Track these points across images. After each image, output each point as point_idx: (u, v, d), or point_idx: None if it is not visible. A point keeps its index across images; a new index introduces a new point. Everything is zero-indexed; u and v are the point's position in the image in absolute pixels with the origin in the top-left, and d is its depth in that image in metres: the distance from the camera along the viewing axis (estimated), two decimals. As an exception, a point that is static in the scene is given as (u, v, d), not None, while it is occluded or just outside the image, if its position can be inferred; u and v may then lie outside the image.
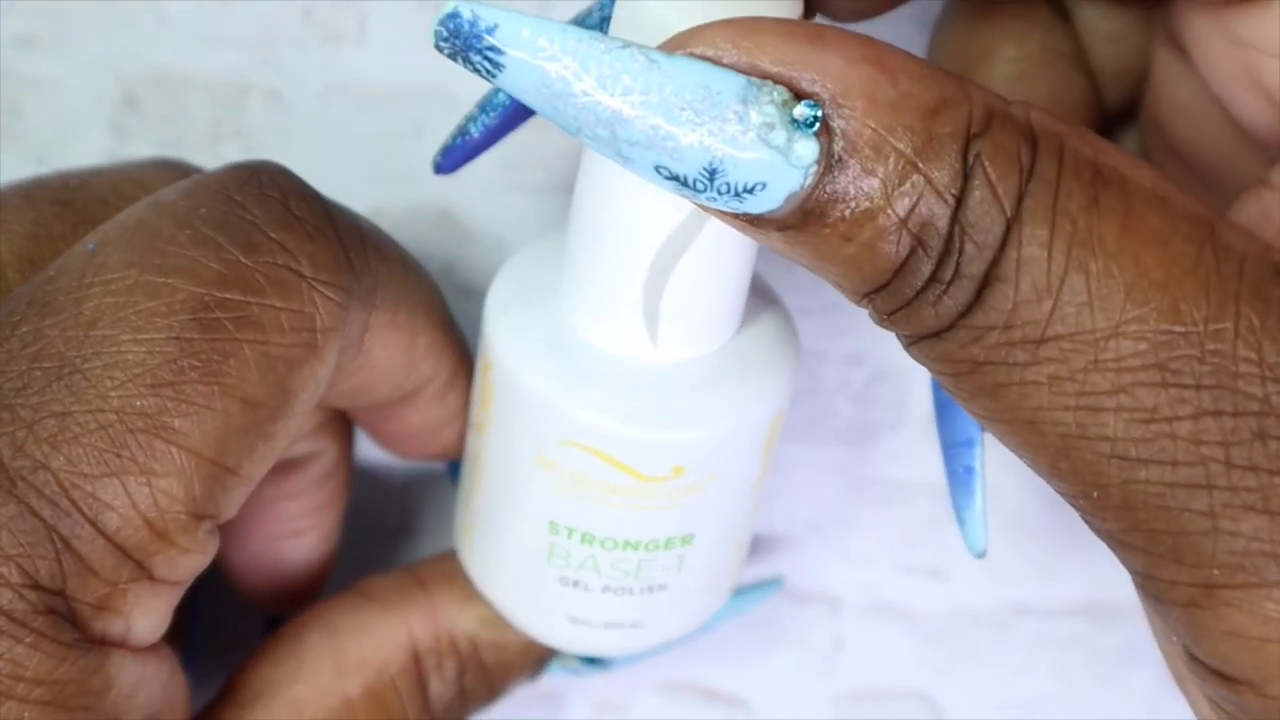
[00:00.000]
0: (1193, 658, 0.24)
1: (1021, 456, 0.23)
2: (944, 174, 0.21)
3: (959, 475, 0.30)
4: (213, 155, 0.36)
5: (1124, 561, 0.23)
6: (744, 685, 0.40)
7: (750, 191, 0.21)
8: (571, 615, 0.29)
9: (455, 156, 0.30)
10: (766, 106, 0.21)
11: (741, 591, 0.34)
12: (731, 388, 0.27)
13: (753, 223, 0.22)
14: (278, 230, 0.26)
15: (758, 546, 0.39)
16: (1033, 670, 0.40)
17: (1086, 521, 0.23)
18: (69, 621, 0.24)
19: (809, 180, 0.21)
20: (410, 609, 0.31)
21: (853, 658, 0.40)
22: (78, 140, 0.36)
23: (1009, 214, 0.21)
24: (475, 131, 0.29)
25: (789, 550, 0.39)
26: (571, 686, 0.39)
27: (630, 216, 0.26)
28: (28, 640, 0.23)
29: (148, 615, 0.25)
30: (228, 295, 0.25)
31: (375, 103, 0.36)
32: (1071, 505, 0.23)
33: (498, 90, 0.29)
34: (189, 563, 0.25)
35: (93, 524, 0.24)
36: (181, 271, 0.25)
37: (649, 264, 0.26)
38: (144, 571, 0.24)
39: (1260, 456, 0.21)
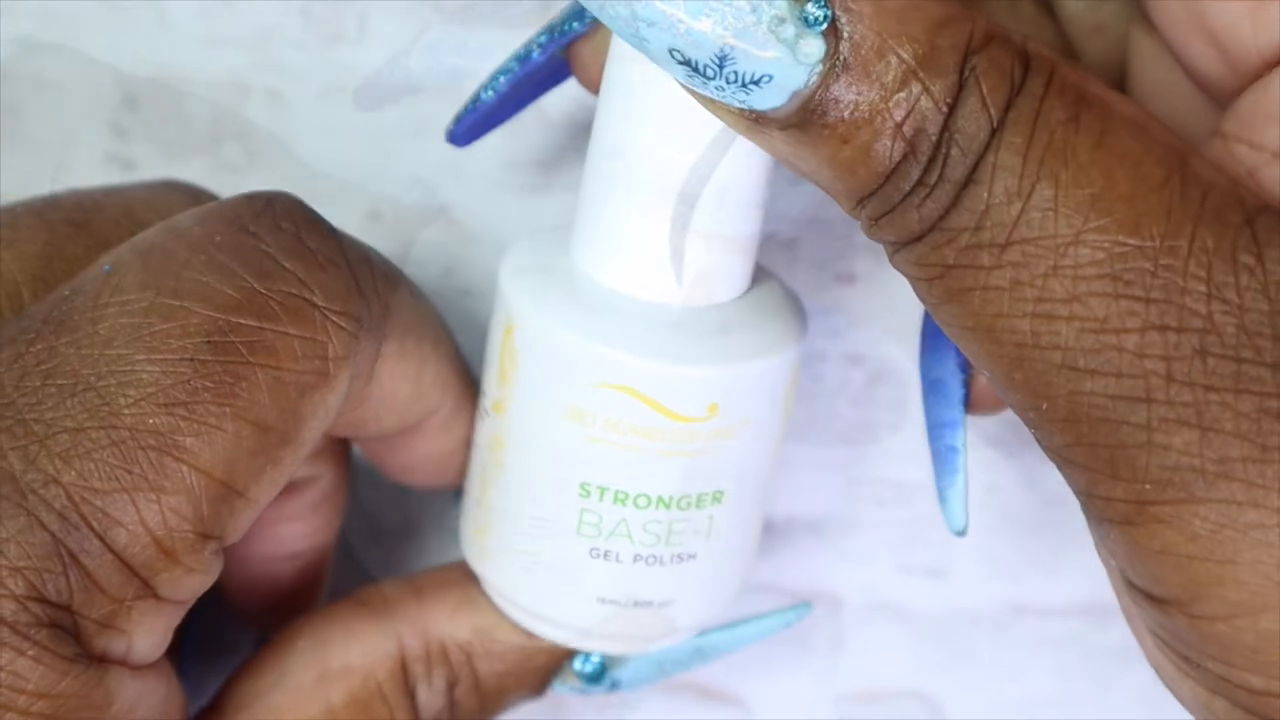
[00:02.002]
0: (1129, 585, 0.24)
1: (981, 367, 0.24)
2: (941, 83, 0.22)
3: (942, 454, 0.30)
4: (213, 155, 0.36)
5: (1069, 480, 0.24)
6: (744, 685, 0.40)
7: (757, 83, 0.22)
8: (600, 594, 0.29)
9: (467, 123, 0.30)
10: (780, 2, 0.22)
11: (771, 614, 0.34)
12: (758, 330, 0.28)
13: (757, 120, 0.22)
14: (291, 260, 0.26)
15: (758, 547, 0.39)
16: (1032, 670, 0.40)
17: (1036, 438, 0.24)
18: (72, 636, 0.24)
19: (813, 80, 0.22)
20: (399, 616, 0.30)
21: (853, 658, 0.40)
22: (78, 140, 0.36)
23: (994, 123, 0.22)
24: (486, 97, 0.29)
25: (789, 550, 0.39)
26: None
27: (655, 149, 0.26)
28: (30, 653, 0.23)
29: (150, 635, 0.25)
30: (242, 320, 0.25)
31: (375, 103, 0.36)
32: (1022, 419, 0.24)
33: (512, 56, 0.29)
34: (193, 583, 0.25)
35: (101, 539, 0.24)
36: (196, 296, 0.25)
37: (676, 196, 0.26)
38: (149, 590, 0.24)
39: (1199, 373, 0.22)
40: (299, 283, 0.26)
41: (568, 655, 0.31)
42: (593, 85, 0.29)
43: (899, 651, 0.40)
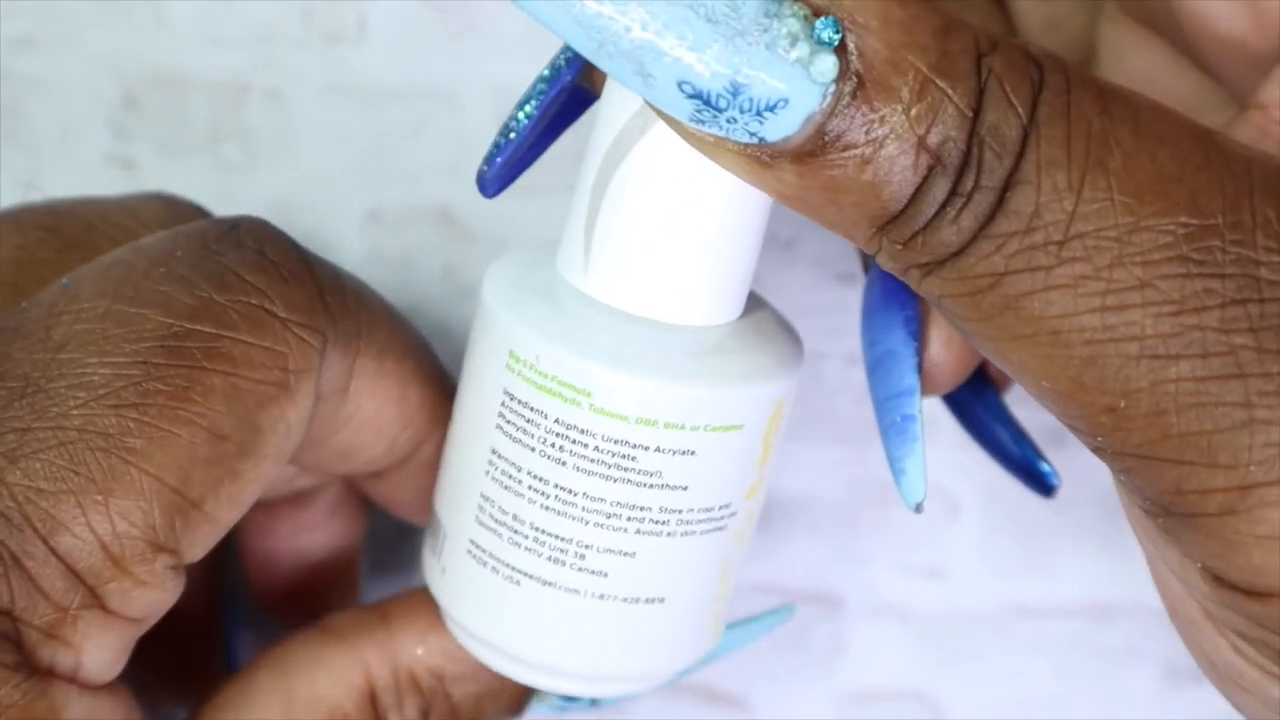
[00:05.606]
0: (1219, 583, 0.23)
1: (1039, 381, 0.23)
2: (961, 88, 0.21)
3: (898, 425, 0.28)
4: (213, 155, 0.36)
5: (1147, 485, 0.23)
6: (744, 685, 0.40)
7: (772, 110, 0.21)
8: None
9: (499, 163, 0.27)
10: (790, 20, 0.21)
11: (754, 619, 0.32)
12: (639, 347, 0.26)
13: (770, 155, 0.22)
14: (252, 273, 0.26)
15: (758, 547, 0.39)
16: (1033, 670, 0.40)
17: (1103, 445, 0.23)
18: (13, 645, 0.23)
19: (827, 101, 0.21)
20: (367, 643, 0.29)
21: (853, 658, 0.40)
22: (78, 140, 0.36)
23: (1025, 121, 0.21)
24: (520, 123, 0.27)
25: (789, 550, 0.39)
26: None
27: (597, 119, 0.25)
28: None
29: (99, 650, 0.24)
30: (199, 327, 0.25)
31: (375, 103, 0.36)
32: (1088, 429, 0.23)
33: (537, 80, 0.28)
34: (145, 598, 0.24)
35: (45, 542, 0.23)
36: (153, 304, 0.25)
37: (595, 171, 0.25)
38: (96, 600, 0.24)
39: None
40: (260, 294, 0.25)
41: None
42: None
43: (899, 652, 0.40)
